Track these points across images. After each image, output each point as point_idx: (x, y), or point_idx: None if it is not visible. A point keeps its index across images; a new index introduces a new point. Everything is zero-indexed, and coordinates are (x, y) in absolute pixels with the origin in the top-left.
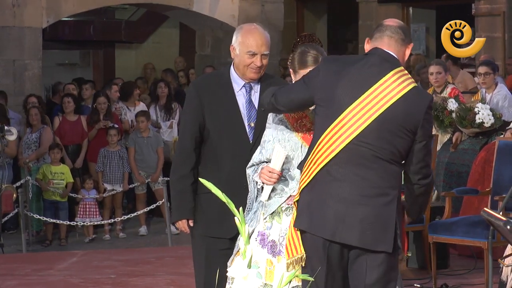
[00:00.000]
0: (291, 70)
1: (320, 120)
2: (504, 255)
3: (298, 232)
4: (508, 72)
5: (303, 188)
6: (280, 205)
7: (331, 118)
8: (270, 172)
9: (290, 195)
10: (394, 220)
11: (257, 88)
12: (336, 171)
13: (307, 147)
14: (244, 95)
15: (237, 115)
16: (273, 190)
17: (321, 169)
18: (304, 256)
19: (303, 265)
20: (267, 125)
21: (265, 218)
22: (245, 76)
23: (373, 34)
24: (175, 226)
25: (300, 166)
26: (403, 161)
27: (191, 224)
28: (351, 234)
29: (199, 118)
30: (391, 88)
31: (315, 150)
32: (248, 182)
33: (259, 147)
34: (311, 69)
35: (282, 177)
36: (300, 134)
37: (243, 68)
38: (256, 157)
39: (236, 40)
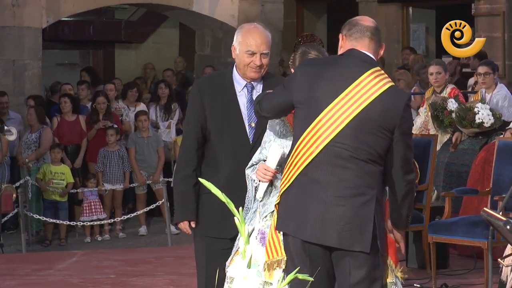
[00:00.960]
0: (292, 70)
1: (298, 122)
2: (504, 255)
3: (280, 235)
4: None
5: (283, 191)
6: None
7: (309, 120)
8: (265, 169)
9: None
10: (373, 220)
11: (259, 87)
12: (315, 173)
13: None
14: (246, 95)
15: (238, 115)
16: (272, 188)
17: (300, 172)
18: (285, 258)
19: (283, 267)
20: (268, 125)
21: (265, 217)
22: (246, 75)
23: (350, 32)
24: (175, 227)
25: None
26: (383, 161)
27: (193, 226)
28: (329, 235)
29: (200, 118)
30: (367, 88)
31: (294, 153)
32: (247, 182)
33: (259, 148)
34: None
35: (280, 176)
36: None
37: (243, 68)
38: (255, 157)
39: (236, 39)
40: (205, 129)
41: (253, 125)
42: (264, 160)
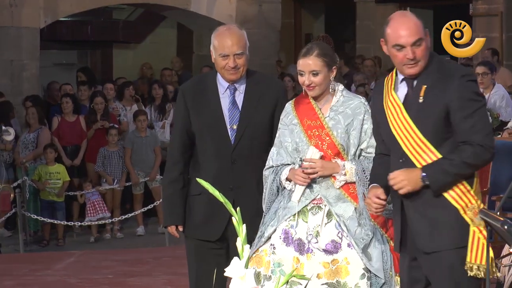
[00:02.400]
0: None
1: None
2: (502, 255)
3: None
4: None
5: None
6: (305, 206)
7: None
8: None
9: (314, 198)
10: None
11: (242, 89)
12: None
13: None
14: (229, 96)
15: (220, 117)
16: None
17: None
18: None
19: None
20: (280, 125)
21: (289, 217)
22: (225, 78)
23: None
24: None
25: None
26: None
27: (180, 229)
28: None
29: (186, 123)
30: None
31: None
32: (264, 183)
33: (274, 148)
34: (306, 59)
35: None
36: (312, 142)
37: (221, 71)
38: (274, 158)
39: (212, 44)
40: (191, 132)
41: (234, 127)
42: (288, 164)
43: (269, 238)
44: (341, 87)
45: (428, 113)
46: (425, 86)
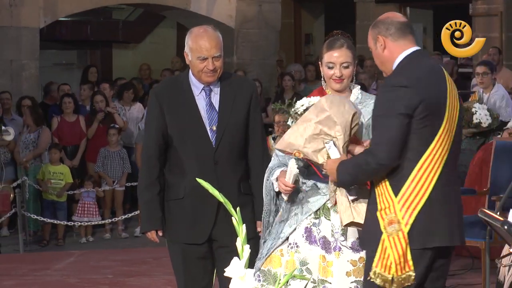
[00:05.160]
0: (319, 62)
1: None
2: (502, 255)
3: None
4: None
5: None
6: (325, 203)
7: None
8: (284, 184)
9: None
10: None
11: (217, 90)
12: (449, 176)
13: None
14: (204, 98)
15: (198, 119)
16: (319, 188)
17: (436, 180)
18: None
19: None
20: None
21: (310, 215)
22: (202, 80)
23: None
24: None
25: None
26: None
27: (160, 234)
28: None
29: (161, 125)
30: (453, 85)
31: (424, 163)
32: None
33: (274, 154)
34: (338, 51)
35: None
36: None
37: (198, 73)
38: (272, 162)
39: (187, 46)
40: (166, 135)
41: (214, 128)
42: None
43: (286, 238)
44: (358, 86)
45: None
46: None
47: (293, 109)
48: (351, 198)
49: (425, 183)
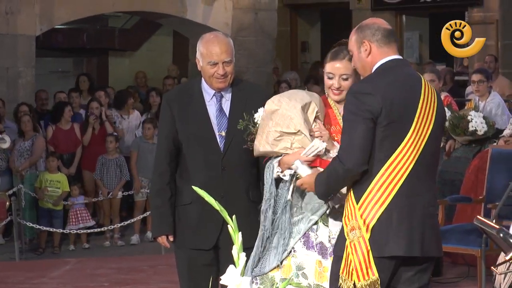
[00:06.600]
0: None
1: (387, 139)
2: (497, 262)
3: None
4: None
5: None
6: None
7: (401, 135)
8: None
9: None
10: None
11: (228, 96)
12: (415, 186)
13: None
14: (215, 104)
15: (208, 124)
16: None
17: (399, 188)
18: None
19: None
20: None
21: (310, 220)
22: (213, 86)
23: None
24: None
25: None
26: None
27: (171, 239)
28: (433, 246)
29: (172, 131)
30: (432, 92)
31: (386, 170)
32: (266, 183)
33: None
34: (338, 62)
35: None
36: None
37: (209, 79)
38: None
39: (198, 52)
40: (177, 141)
41: (223, 134)
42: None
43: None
44: None
45: None
46: None
47: (253, 122)
48: (336, 206)
49: (385, 193)
